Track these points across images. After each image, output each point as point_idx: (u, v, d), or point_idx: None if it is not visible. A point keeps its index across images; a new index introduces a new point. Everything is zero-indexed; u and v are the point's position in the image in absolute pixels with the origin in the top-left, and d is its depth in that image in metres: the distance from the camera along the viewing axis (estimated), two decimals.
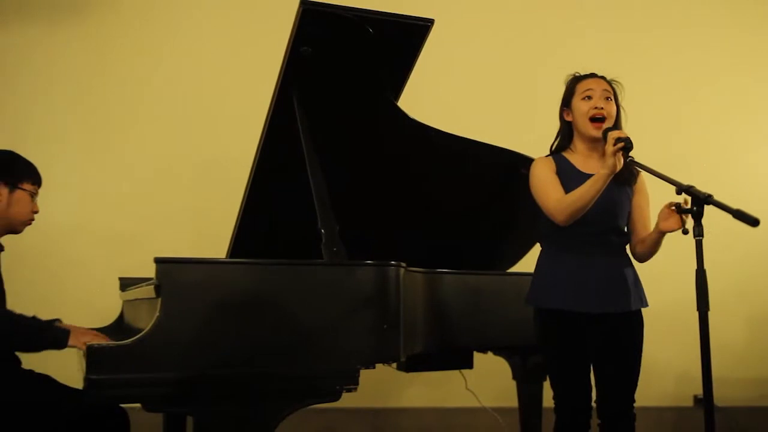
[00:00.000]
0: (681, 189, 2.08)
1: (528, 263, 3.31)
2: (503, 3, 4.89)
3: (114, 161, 4.54)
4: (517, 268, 3.42)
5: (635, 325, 2.53)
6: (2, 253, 2.66)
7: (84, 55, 4.63)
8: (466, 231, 3.17)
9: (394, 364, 2.52)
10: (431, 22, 2.57)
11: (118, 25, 4.66)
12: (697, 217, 2.06)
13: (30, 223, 2.70)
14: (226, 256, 3.00)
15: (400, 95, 2.81)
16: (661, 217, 2.33)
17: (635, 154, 2.31)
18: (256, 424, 2.05)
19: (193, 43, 4.66)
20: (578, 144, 2.60)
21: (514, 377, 3.36)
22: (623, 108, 2.58)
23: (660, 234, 2.37)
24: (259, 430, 2.05)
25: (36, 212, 2.70)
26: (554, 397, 2.56)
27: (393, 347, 2.22)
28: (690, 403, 4.64)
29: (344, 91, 2.63)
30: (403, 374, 3.46)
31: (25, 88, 4.59)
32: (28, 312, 2.68)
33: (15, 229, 2.67)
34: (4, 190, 2.60)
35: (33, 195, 2.68)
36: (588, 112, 2.51)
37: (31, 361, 2.57)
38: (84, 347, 2.02)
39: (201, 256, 2.16)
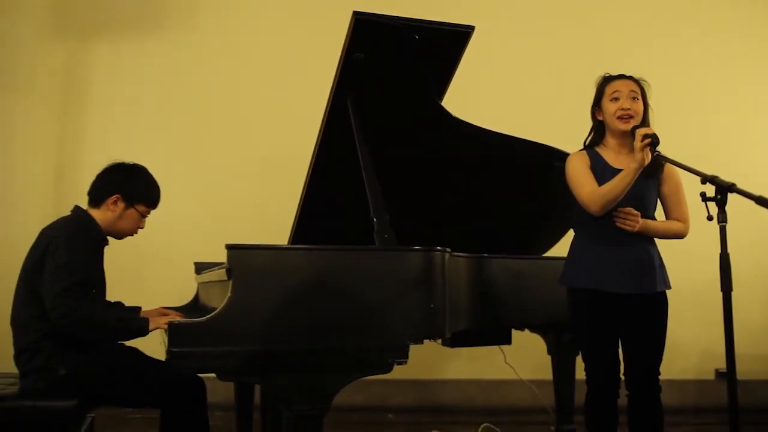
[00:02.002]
0: (705, 179, 2.03)
1: (561, 248, 3.27)
2: (538, 6, 4.82)
3: (191, 160, 4.64)
4: (551, 252, 3.38)
5: (660, 305, 2.51)
6: (106, 247, 2.69)
7: (165, 66, 4.74)
8: (505, 219, 3.14)
9: (440, 340, 2.51)
10: (472, 28, 2.54)
11: (194, 40, 4.76)
12: (721, 204, 2.01)
13: (131, 236, 2.72)
14: (288, 242, 3.02)
15: (443, 95, 2.78)
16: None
17: (663, 147, 2.27)
18: (318, 393, 2.06)
19: (259, 53, 4.74)
20: (609, 140, 2.57)
21: (549, 352, 3.33)
22: (651, 106, 2.53)
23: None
24: (320, 398, 2.06)
25: (141, 228, 2.72)
26: (585, 370, 2.54)
27: (439, 325, 2.20)
28: (712, 376, 4.55)
29: (393, 92, 2.61)
30: (447, 349, 3.44)
31: (117, 95, 4.72)
32: (116, 295, 2.75)
33: (117, 237, 2.70)
34: (121, 205, 2.62)
35: (144, 216, 2.69)
36: (616, 112, 2.49)
37: None
38: (165, 326, 2.06)
39: (267, 242, 2.17)
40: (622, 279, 2.44)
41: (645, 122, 2.50)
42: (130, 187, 2.64)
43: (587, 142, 2.63)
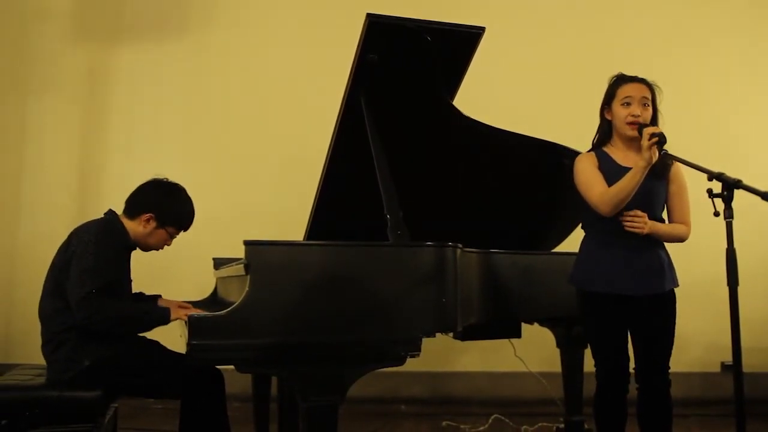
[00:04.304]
0: (712, 176, 2.01)
1: (570, 244, 3.25)
2: (548, 8, 4.80)
3: (210, 159, 4.66)
4: (560, 248, 3.36)
5: (669, 303, 2.48)
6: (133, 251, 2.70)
7: (184, 70, 4.77)
8: (515, 215, 3.12)
9: (451, 333, 2.50)
10: (482, 29, 2.53)
11: (213, 42, 4.79)
12: (728, 201, 2.00)
13: (157, 250, 2.72)
14: (304, 238, 3.02)
15: (455, 95, 2.77)
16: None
17: (670, 144, 2.25)
18: (333, 384, 2.06)
19: (275, 56, 4.75)
20: (617, 139, 2.53)
21: (558, 345, 3.31)
22: (660, 112, 2.51)
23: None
24: (335, 390, 2.06)
25: (168, 245, 2.72)
26: (596, 365, 2.51)
27: (451, 318, 2.20)
28: (717, 369, 4.50)
29: (406, 92, 2.60)
30: (458, 342, 3.42)
31: (138, 96, 4.76)
32: (137, 290, 2.76)
33: (143, 249, 2.69)
34: (153, 224, 2.62)
35: (172, 236, 2.70)
36: (626, 117, 2.45)
37: None
38: (185, 318, 2.07)
39: (283, 239, 2.17)
40: (632, 281, 2.41)
41: (653, 125, 2.45)
42: (165, 208, 2.63)
43: (595, 142, 2.60)
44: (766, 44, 4.81)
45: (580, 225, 2.64)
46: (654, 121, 2.48)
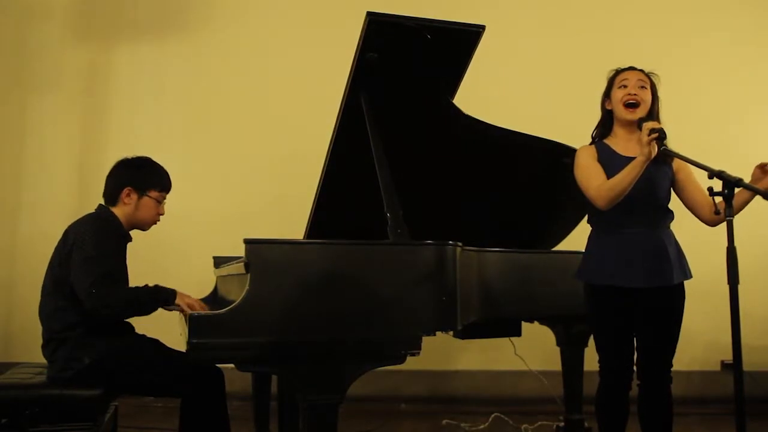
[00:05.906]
0: (713, 174, 2.00)
1: (570, 242, 3.26)
2: (548, 6, 4.80)
3: (209, 156, 4.66)
4: (560, 246, 3.35)
5: (677, 297, 2.44)
6: (129, 243, 2.69)
7: (185, 68, 4.78)
8: (515, 214, 3.12)
9: (452, 332, 2.50)
10: (482, 28, 2.52)
11: (213, 41, 4.79)
12: (728, 199, 1.99)
13: (155, 224, 2.72)
14: (304, 237, 3.01)
15: (455, 93, 2.76)
16: (756, 177, 2.21)
17: (670, 141, 2.24)
18: (333, 383, 2.06)
19: (275, 54, 4.75)
20: (618, 130, 2.53)
21: (558, 344, 3.32)
22: (660, 99, 2.50)
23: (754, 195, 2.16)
24: (335, 388, 2.06)
25: (161, 215, 2.71)
26: (599, 361, 2.50)
27: (451, 317, 2.19)
28: (717, 367, 4.51)
29: (406, 90, 2.60)
30: (458, 341, 3.43)
31: (139, 95, 4.77)
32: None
33: (141, 228, 2.70)
34: (134, 196, 2.62)
35: (159, 201, 2.69)
36: (623, 98, 2.45)
37: (143, 327, 2.65)
38: (187, 307, 2.06)
39: (284, 237, 2.17)
40: (638, 273, 2.38)
41: (653, 114, 2.46)
42: (137, 176, 2.64)
43: (594, 134, 2.59)
44: (766, 43, 4.81)
45: (586, 220, 2.63)
46: (653, 107, 2.47)
